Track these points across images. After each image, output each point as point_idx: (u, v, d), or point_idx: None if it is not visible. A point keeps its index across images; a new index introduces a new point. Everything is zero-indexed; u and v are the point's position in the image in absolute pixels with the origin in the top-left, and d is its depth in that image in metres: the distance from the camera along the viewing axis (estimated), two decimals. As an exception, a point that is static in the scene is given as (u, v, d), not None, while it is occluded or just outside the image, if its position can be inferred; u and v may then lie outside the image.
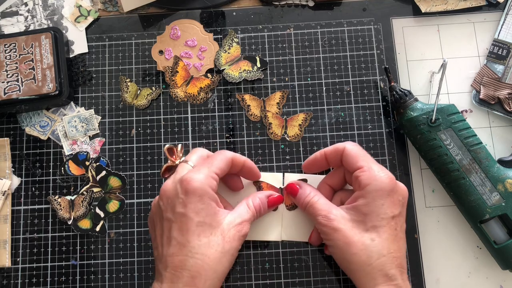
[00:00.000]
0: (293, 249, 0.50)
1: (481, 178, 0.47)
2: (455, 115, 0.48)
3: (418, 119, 0.48)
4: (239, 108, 0.54)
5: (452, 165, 0.47)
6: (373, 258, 0.41)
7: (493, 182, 0.46)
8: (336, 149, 0.46)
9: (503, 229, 0.48)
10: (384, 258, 0.41)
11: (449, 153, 0.47)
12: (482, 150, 0.47)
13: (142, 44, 0.56)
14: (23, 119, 0.54)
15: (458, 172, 0.47)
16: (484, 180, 0.47)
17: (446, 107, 0.48)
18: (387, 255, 0.41)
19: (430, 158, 0.48)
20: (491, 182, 0.47)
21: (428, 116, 0.48)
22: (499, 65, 0.54)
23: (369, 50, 0.56)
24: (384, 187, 0.42)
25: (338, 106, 0.54)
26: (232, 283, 0.50)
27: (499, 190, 0.46)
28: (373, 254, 0.41)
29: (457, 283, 0.50)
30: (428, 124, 0.47)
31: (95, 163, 0.53)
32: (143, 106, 0.54)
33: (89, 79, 0.55)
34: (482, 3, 0.56)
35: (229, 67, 0.55)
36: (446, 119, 0.48)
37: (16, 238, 0.51)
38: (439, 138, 0.47)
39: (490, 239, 0.47)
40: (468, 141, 0.47)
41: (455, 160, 0.47)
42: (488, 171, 0.47)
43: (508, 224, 0.47)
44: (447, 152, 0.47)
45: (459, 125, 0.48)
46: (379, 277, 0.41)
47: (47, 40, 0.52)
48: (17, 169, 0.53)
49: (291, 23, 0.57)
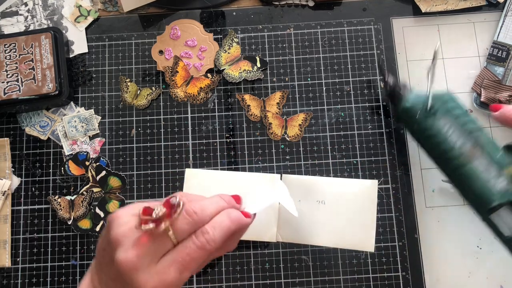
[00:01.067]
0: (293, 249, 0.50)
1: (485, 163, 0.42)
2: (452, 101, 0.45)
3: (414, 109, 0.45)
4: (239, 108, 0.54)
5: (452, 152, 0.43)
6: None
7: (498, 167, 0.42)
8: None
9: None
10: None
11: (448, 140, 0.43)
12: (483, 135, 0.44)
13: (142, 44, 0.56)
14: (23, 119, 0.54)
15: (459, 160, 0.43)
16: (489, 166, 0.42)
17: (441, 95, 0.45)
18: None
19: (430, 147, 0.45)
20: (497, 167, 0.42)
21: (424, 105, 0.45)
22: (499, 67, 0.54)
23: (369, 50, 0.56)
24: None
25: (338, 106, 0.54)
26: (232, 283, 0.50)
27: (506, 174, 0.42)
28: None
29: (457, 283, 0.50)
30: (424, 113, 0.45)
31: (95, 163, 0.53)
32: (143, 106, 0.54)
33: (89, 79, 0.55)
34: (482, 3, 0.56)
35: (229, 67, 0.55)
36: (442, 106, 0.44)
37: (16, 238, 0.51)
38: (436, 125, 0.44)
39: (501, 230, 0.42)
40: (467, 126, 0.44)
41: (455, 146, 0.43)
42: (492, 156, 0.42)
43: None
44: (445, 139, 0.43)
45: (457, 111, 0.44)
46: None
47: (47, 40, 0.52)
48: (17, 169, 0.53)
49: (291, 23, 0.57)
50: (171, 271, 0.33)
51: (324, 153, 0.53)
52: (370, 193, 0.51)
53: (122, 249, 0.32)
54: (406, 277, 0.50)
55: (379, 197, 0.52)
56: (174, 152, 0.53)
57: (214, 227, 0.34)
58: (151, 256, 0.32)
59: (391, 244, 0.51)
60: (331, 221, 0.50)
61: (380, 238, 0.51)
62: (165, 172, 0.53)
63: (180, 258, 0.33)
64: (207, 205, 0.35)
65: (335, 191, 0.51)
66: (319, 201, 0.51)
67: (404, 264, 0.50)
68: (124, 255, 0.32)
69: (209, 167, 0.53)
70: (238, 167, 0.53)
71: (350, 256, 0.50)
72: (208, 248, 0.33)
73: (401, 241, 0.51)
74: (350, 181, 0.52)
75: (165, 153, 0.53)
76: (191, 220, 0.33)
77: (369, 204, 0.51)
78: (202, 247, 0.33)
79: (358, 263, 0.50)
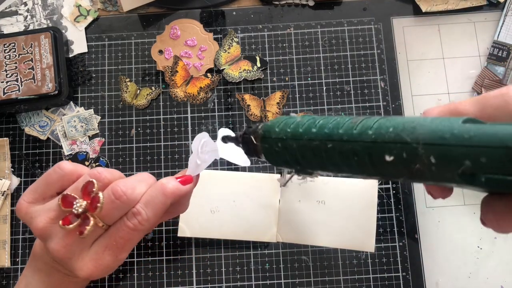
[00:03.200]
0: (293, 249, 0.50)
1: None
2: (281, 123, 0.32)
3: (275, 123, 0.32)
4: (239, 108, 0.54)
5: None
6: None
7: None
8: (500, 92, 0.27)
9: None
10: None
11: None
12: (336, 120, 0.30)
13: (142, 43, 0.56)
14: (22, 119, 0.54)
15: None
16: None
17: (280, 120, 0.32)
18: None
19: (313, 152, 0.30)
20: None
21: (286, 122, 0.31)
22: (500, 67, 0.54)
23: (369, 50, 0.56)
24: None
25: (338, 106, 0.54)
26: (232, 283, 0.50)
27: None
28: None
29: (458, 283, 0.50)
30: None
31: (95, 163, 0.52)
32: (143, 106, 0.54)
33: (88, 79, 0.55)
34: (483, 2, 0.56)
35: (229, 67, 0.55)
36: (276, 132, 0.31)
37: (15, 238, 0.51)
38: (306, 126, 0.30)
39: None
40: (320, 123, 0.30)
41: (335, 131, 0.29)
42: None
43: None
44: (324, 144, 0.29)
45: (293, 125, 0.31)
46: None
47: (47, 40, 0.52)
48: (16, 169, 0.53)
49: (291, 23, 0.57)
50: (106, 255, 0.31)
51: (324, 153, 0.53)
52: (370, 193, 0.51)
53: (50, 240, 0.31)
54: (407, 278, 0.50)
55: (379, 197, 0.51)
56: (174, 152, 0.53)
57: (146, 205, 0.31)
58: (82, 244, 0.31)
59: (391, 244, 0.51)
60: (331, 221, 0.50)
61: (380, 238, 0.51)
62: (164, 172, 0.53)
63: (113, 242, 0.31)
64: (136, 183, 0.32)
65: (335, 191, 0.51)
66: (319, 201, 0.51)
67: (405, 264, 0.50)
68: (52, 246, 0.31)
69: (209, 167, 0.52)
70: (238, 167, 0.52)
71: (350, 256, 0.50)
72: (141, 229, 0.31)
73: (401, 241, 0.51)
74: (350, 181, 0.52)
75: (165, 153, 0.53)
76: (120, 204, 0.31)
77: (369, 204, 0.51)
78: (135, 229, 0.31)
79: (358, 263, 0.50)
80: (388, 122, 0.26)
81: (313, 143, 0.29)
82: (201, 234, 0.50)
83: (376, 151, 0.25)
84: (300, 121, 0.31)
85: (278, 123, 0.32)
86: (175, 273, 0.50)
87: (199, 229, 0.50)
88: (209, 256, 0.50)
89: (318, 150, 0.29)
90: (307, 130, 0.30)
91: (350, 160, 0.27)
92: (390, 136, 0.25)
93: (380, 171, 0.26)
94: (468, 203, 0.52)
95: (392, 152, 0.25)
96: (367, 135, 0.26)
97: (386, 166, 0.25)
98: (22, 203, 0.33)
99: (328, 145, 0.28)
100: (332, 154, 0.28)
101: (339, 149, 0.28)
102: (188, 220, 0.50)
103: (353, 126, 0.27)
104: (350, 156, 0.27)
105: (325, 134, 0.29)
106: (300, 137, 0.30)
